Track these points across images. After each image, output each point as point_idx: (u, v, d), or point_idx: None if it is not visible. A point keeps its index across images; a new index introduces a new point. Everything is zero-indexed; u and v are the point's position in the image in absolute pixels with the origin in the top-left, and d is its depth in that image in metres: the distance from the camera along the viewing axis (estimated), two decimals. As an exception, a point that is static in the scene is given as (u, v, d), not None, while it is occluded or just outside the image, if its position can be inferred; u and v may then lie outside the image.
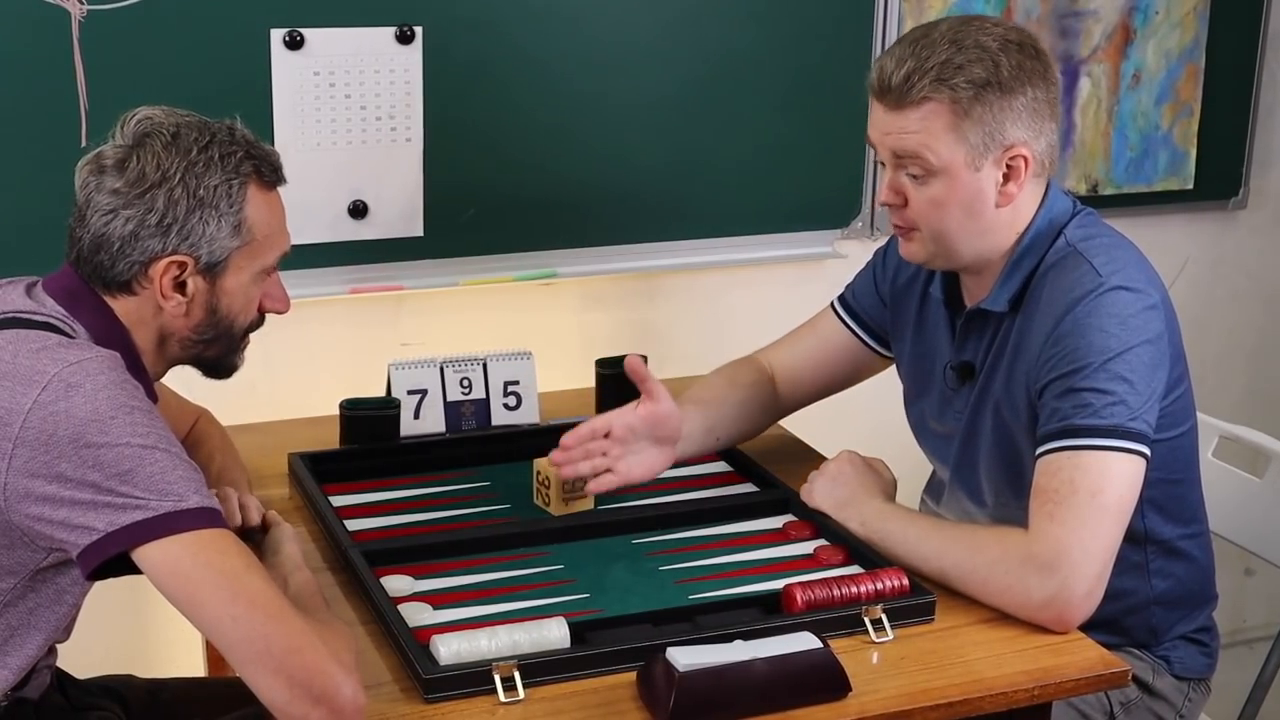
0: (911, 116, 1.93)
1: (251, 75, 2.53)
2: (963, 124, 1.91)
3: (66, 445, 1.56)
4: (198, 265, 1.74)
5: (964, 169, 1.93)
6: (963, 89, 1.90)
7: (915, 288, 2.19)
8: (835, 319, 2.31)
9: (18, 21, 2.37)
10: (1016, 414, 1.99)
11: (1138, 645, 2.10)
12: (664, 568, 1.98)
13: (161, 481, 1.57)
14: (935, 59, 1.91)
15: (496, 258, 2.76)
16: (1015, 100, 1.92)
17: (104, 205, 1.72)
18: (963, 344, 2.09)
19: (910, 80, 1.91)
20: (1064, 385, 1.89)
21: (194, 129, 1.75)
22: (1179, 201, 3.28)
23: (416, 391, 2.35)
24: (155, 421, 1.62)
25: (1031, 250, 2.00)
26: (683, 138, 2.83)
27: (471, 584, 1.92)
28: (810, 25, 2.86)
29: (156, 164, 1.71)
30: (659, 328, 2.95)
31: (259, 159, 1.78)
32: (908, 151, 1.94)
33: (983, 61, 1.91)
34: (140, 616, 2.69)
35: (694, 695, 1.62)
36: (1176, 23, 3.15)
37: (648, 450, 2.10)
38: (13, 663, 1.70)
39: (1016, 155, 1.94)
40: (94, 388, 1.58)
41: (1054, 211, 2.01)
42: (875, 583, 1.86)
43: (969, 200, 1.95)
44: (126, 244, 1.72)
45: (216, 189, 1.73)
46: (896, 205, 1.99)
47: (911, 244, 2.02)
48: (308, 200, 2.59)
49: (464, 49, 2.64)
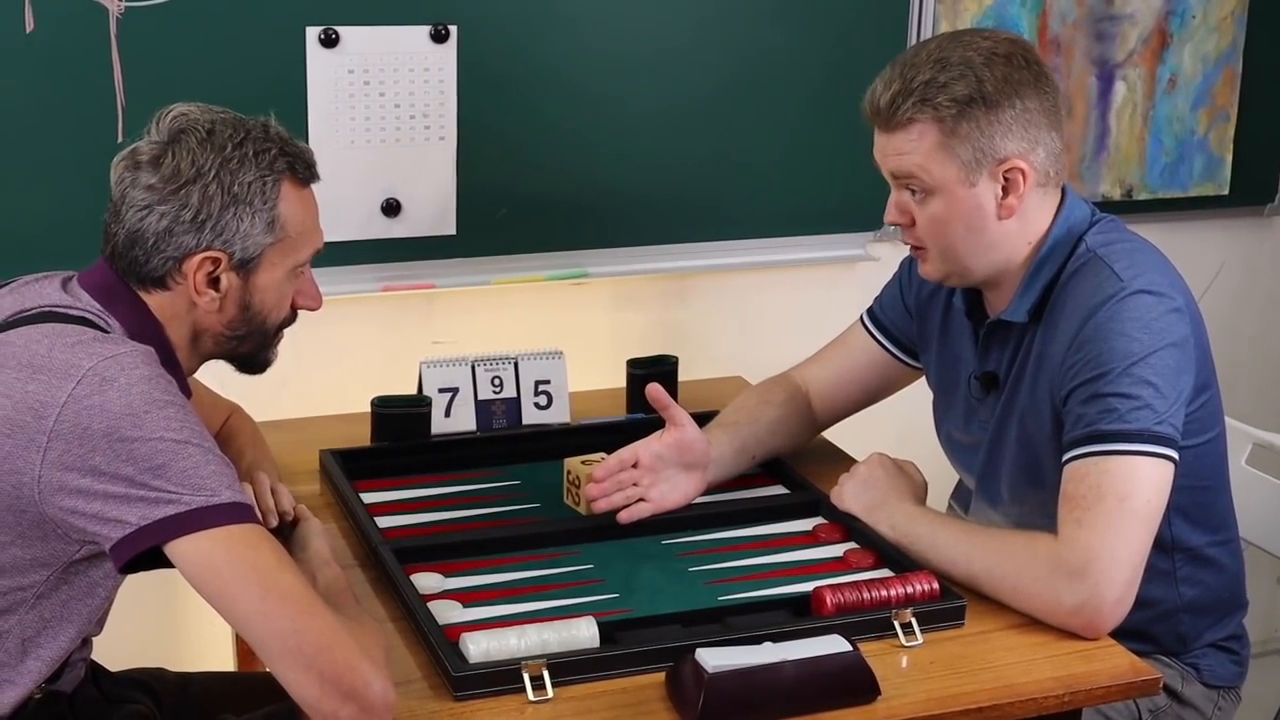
0: (902, 138, 1.94)
1: (286, 73, 2.54)
2: (951, 142, 1.92)
3: (100, 439, 1.57)
4: (231, 261, 1.75)
5: (959, 185, 1.94)
6: (945, 108, 1.91)
7: (939, 299, 2.19)
8: (864, 333, 2.32)
9: (56, 18, 2.38)
10: (1041, 423, 1.98)
11: (1167, 653, 2.09)
12: (694, 568, 1.98)
13: (195, 476, 1.58)
14: (919, 79, 1.93)
15: (528, 257, 2.77)
16: (1003, 113, 1.92)
17: (139, 201, 1.72)
18: (986, 354, 2.08)
19: (896, 102, 1.93)
20: (1088, 391, 1.88)
21: (229, 125, 1.76)
22: (1214, 207, 3.26)
23: (448, 390, 2.35)
24: (189, 416, 1.63)
25: (1050, 259, 1.99)
26: (715, 139, 2.83)
27: (501, 582, 1.93)
28: (843, 26, 2.85)
29: (191, 160, 1.72)
30: (690, 328, 2.94)
31: (293, 156, 1.79)
32: (904, 172, 1.96)
33: (965, 79, 1.92)
34: (171, 610, 2.71)
35: (723, 696, 1.62)
36: (1214, 27, 3.13)
37: (678, 477, 2.10)
38: (46, 655, 1.71)
39: (1012, 168, 1.94)
40: (128, 382, 1.59)
41: (1072, 220, 2.01)
42: (905, 586, 1.85)
43: (969, 216, 1.95)
44: (161, 240, 1.72)
45: (251, 185, 1.73)
46: (903, 224, 2.01)
47: (926, 264, 2.03)
48: (341, 198, 2.60)
49: (498, 48, 2.64)
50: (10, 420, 1.59)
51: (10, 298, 1.77)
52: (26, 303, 1.73)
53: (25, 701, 1.72)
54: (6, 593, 1.67)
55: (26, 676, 1.70)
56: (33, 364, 1.61)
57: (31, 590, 1.67)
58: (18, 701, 1.70)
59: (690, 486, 2.11)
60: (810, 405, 2.32)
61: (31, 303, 1.73)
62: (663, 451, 2.08)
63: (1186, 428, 1.92)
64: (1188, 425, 1.93)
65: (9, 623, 1.68)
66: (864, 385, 2.32)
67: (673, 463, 2.09)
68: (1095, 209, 2.05)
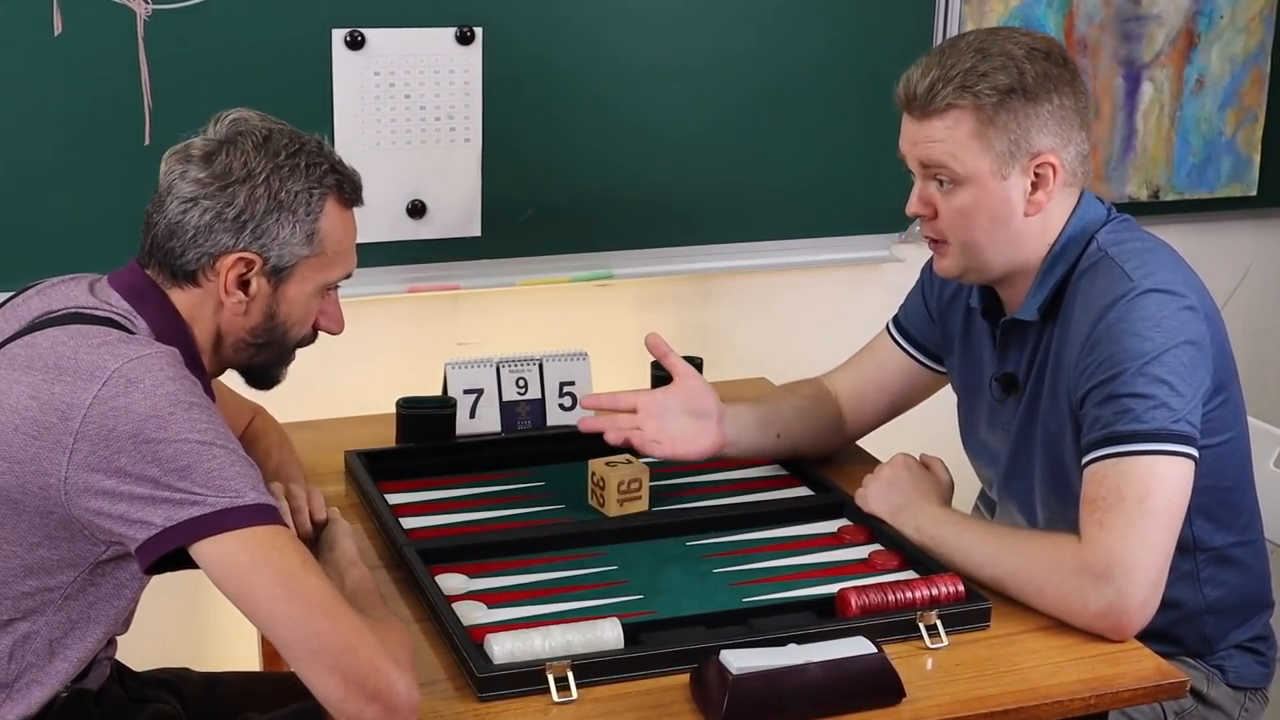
0: (937, 125, 1.93)
1: (312, 75, 2.54)
2: (988, 131, 1.91)
3: (126, 440, 1.57)
4: (265, 266, 1.76)
5: (990, 177, 1.93)
6: (986, 95, 1.90)
7: (960, 301, 2.18)
8: (890, 341, 2.31)
9: (84, 21, 2.40)
10: (1060, 425, 1.98)
11: (1192, 654, 2.08)
12: (718, 570, 1.98)
13: (219, 478, 1.58)
14: (960, 67, 1.92)
15: (553, 258, 2.77)
16: (1041, 107, 1.92)
17: (185, 193, 1.74)
18: (1004, 355, 2.08)
19: (934, 88, 1.92)
20: (1104, 393, 1.87)
21: (285, 135, 1.78)
22: (1242, 208, 3.25)
23: (473, 391, 2.36)
24: (214, 418, 1.63)
25: (1063, 258, 1.99)
26: (740, 141, 2.83)
27: (526, 584, 1.93)
28: (868, 28, 2.85)
29: (244, 162, 1.74)
30: (715, 329, 2.94)
31: (343, 175, 1.82)
32: (934, 161, 1.95)
33: (1007, 69, 1.91)
34: (197, 610, 2.72)
35: (747, 698, 1.62)
36: (1241, 27, 3.12)
37: (686, 423, 2.11)
38: (73, 655, 1.72)
39: (1044, 163, 1.93)
40: (154, 383, 1.60)
41: (1086, 218, 2.00)
42: (930, 588, 1.85)
43: (996, 209, 1.95)
44: (200, 234, 1.74)
45: (298, 195, 1.75)
46: (926, 216, 2.00)
47: (944, 259, 2.02)
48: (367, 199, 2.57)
49: (523, 50, 2.65)
50: (37, 422, 1.60)
51: (37, 299, 1.78)
52: (53, 304, 1.74)
53: (52, 700, 1.73)
54: (34, 593, 1.68)
55: (54, 677, 1.71)
56: (59, 365, 1.62)
57: (59, 591, 1.68)
58: (45, 700, 1.71)
59: (705, 437, 2.12)
60: (839, 411, 2.31)
61: (58, 304, 1.74)
62: (664, 398, 2.11)
63: (1204, 427, 1.91)
64: (1205, 425, 1.92)
65: (37, 624, 1.69)
66: (892, 393, 2.32)
67: (678, 410, 2.11)
68: (1111, 208, 2.04)
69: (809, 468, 2.24)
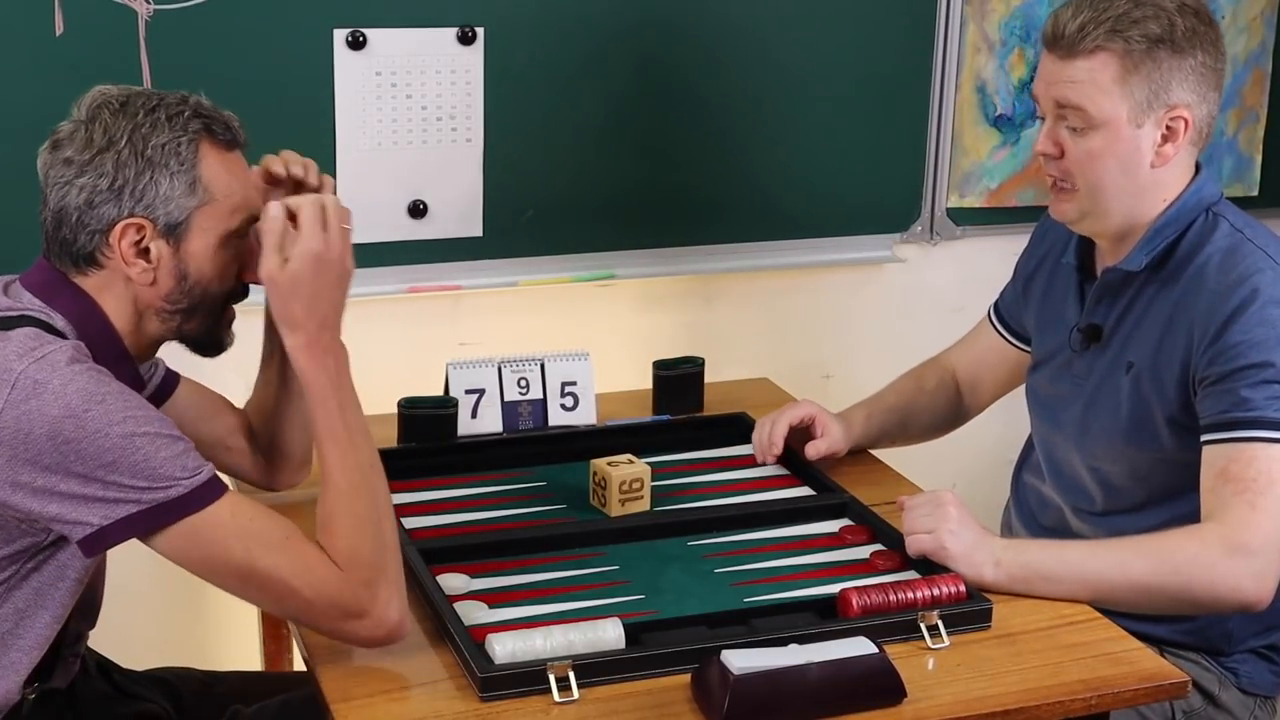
0: (1081, 66, 1.96)
1: (314, 75, 2.54)
2: (1131, 78, 1.94)
3: (45, 442, 1.57)
4: (157, 228, 1.71)
5: (1125, 124, 1.96)
6: (1136, 42, 1.93)
7: (1047, 265, 2.23)
8: (989, 323, 2.38)
9: (85, 21, 2.40)
10: (1160, 386, 2.00)
11: (1209, 651, 2.08)
12: (720, 570, 1.98)
13: (146, 468, 1.59)
14: (1112, 11, 1.95)
15: (555, 258, 2.77)
16: (1185, 61, 1.95)
17: (60, 178, 1.71)
18: (1094, 308, 2.10)
19: (1085, 30, 1.95)
20: (1257, 376, 1.90)
21: (143, 96, 1.74)
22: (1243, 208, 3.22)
23: (474, 391, 2.35)
24: (130, 405, 1.62)
25: (1176, 221, 2.02)
26: (743, 140, 2.82)
27: (527, 583, 1.93)
28: (870, 27, 2.85)
29: (104, 130, 1.71)
30: (717, 330, 2.94)
31: (210, 118, 1.75)
32: (1071, 102, 1.97)
33: (1159, 19, 1.94)
34: (195, 609, 2.72)
35: (748, 699, 1.62)
36: (1243, 28, 3.12)
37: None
38: (26, 644, 1.70)
39: (1178, 116, 1.96)
40: (61, 382, 1.59)
41: (1204, 191, 2.04)
42: (932, 588, 1.85)
43: (1126, 156, 1.97)
44: (84, 213, 1.71)
45: (165, 147, 1.71)
46: (1053, 155, 2.01)
47: (1065, 202, 2.04)
48: (368, 200, 2.61)
49: (525, 50, 2.65)
50: None
51: None
52: None
53: (19, 702, 1.72)
54: None
55: (11, 671, 1.69)
56: None
57: (3, 586, 1.68)
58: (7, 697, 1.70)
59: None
60: (959, 389, 2.39)
61: None
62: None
63: None
64: None
65: None
66: (995, 373, 2.38)
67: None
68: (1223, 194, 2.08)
69: (811, 468, 2.24)
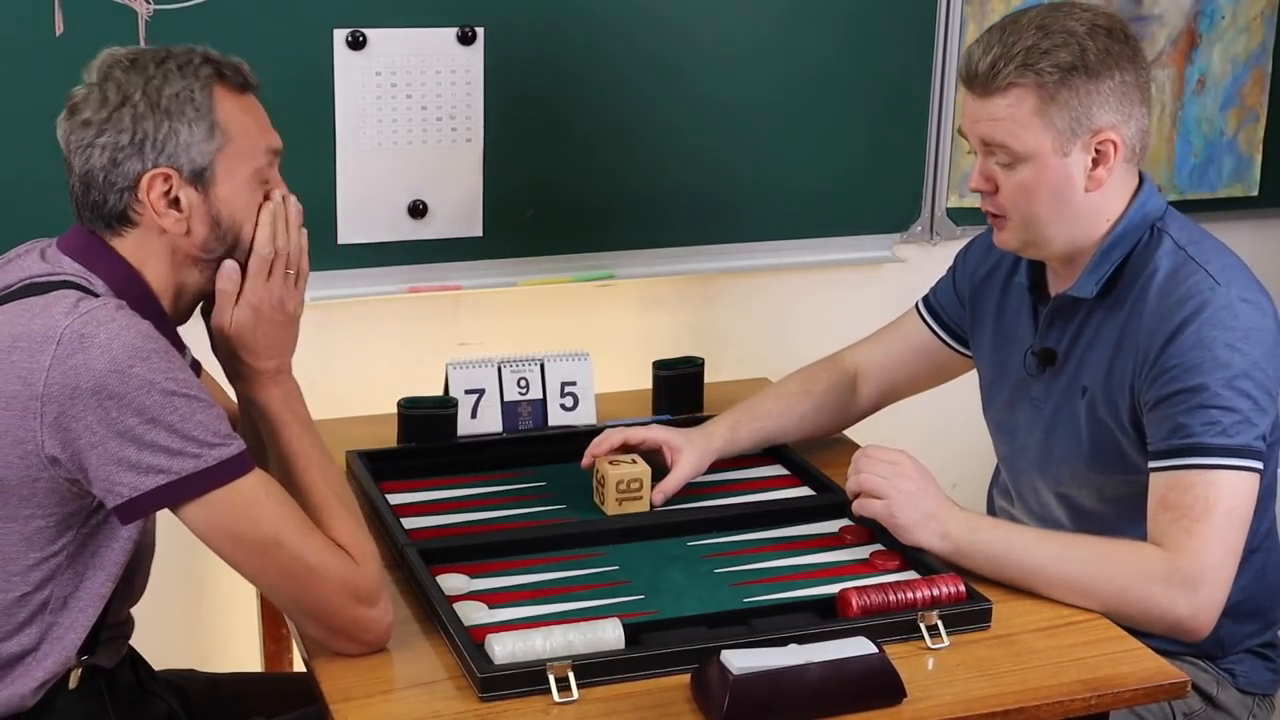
0: (999, 103, 1.94)
1: (314, 75, 2.54)
2: (1049, 109, 1.92)
3: (90, 397, 1.59)
4: (183, 176, 1.72)
5: (1051, 154, 1.94)
6: (1049, 73, 1.91)
7: (996, 279, 2.20)
8: (917, 318, 2.34)
9: (85, 21, 2.40)
10: (1114, 410, 1.99)
11: (1203, 656, 2.08)
12: (719, 570, 1.98)
13: (184, 429, 1.62)
14: (1021, 45, 1.93)
15: (555, 258, 2.77)
16: (1103, 84, 1.93)
17: (81, 142, 1.73)
18: (1047, 331, 2.09)
19: (996, 67, 1.93)
20: (1193, 401, 1.89)
21: (152, 51, 1.76)
22: (1243, 209, 3.24)
23: (474, 391, 2.36)
24: (173, 363, 1.64)
25: (1123, 240, 2.00)
26: (743, 141, 2.82)
27: (527, 584, 1.93)
28: (871, 28, 2.85)
29: (118, 88, 1.72)
30: (717, 330, 2.94)
31: (220, 63, 1.77)
32: (995, 140, 1.95)
33: (1069, 46, 1.92)
34: (198, 610, 2.72)
35: (748, 699, 1.62)
36: (1243, 28, 3.12)
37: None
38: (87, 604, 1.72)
39: (1105, 140, 1.94)
40: (108, 336, 1.61)
41: (1148, 206, 2.01)
42: (931, 589, 1.85)
43: (1058, 185, 1.96)
44: (110, 173, 1.72)
45: (179, 95, 1.72)
46: (987, 191, 2.00)
47: (1004, 232, 2.03)
48: (368, 199, 2.61)
49: (525, 50, 2.65)
50: (3, 394, 1.61)
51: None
52: (9, 278, 1.74)
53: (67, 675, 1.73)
54: (39, 564, 1.68)
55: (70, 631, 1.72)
56: (13, 336, 1.63)
57: (64, 553, 1.69)
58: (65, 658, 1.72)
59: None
60: (855, 389, 2.34)
61: (14, 277, 1.74)
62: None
63: None
64: None
65: (50, 589, 1.70)
66: (913, 371, 2.34)
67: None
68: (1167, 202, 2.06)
69: (810, 468, 2.24)
